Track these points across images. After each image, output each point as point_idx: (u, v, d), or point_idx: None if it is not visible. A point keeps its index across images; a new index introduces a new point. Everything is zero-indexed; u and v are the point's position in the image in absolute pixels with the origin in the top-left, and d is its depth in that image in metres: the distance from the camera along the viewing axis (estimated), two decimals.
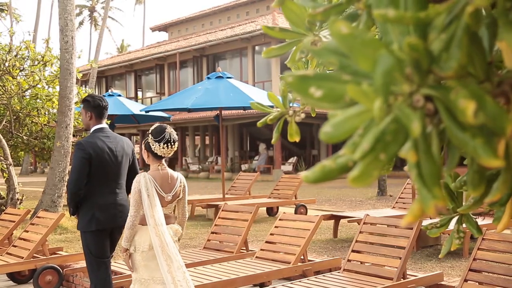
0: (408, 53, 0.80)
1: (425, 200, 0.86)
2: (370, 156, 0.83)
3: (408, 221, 0.92)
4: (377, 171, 0.85)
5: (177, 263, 3.77)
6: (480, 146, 0.82)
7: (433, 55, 0.86)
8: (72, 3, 10.10)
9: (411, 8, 0.92)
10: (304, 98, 0.97)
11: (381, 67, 0.86)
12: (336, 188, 17.78)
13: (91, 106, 4.50)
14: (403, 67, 0.87)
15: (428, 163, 0.88)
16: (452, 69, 0.87)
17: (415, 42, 0.80)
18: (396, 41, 0.97)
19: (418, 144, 0.89)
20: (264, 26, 1.50)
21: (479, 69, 1.00)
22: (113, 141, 4.48)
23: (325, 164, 0.93)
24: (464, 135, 0.85)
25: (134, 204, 3.82)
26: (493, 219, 1.67)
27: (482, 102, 0.84)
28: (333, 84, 0.93)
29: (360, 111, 0.88)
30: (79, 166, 4.28)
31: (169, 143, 3.88)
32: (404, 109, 0.85)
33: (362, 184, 0.85)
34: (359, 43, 0.87)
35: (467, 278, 4.42)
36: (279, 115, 1.94)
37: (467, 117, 0.77)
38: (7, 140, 11.27)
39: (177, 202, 4.07)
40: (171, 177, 3.99)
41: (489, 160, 0.81)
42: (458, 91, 0.82)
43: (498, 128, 0.84)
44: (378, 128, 0.84)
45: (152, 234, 3.77)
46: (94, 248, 4.37)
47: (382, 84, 0.86)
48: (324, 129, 0.88)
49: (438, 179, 0.88)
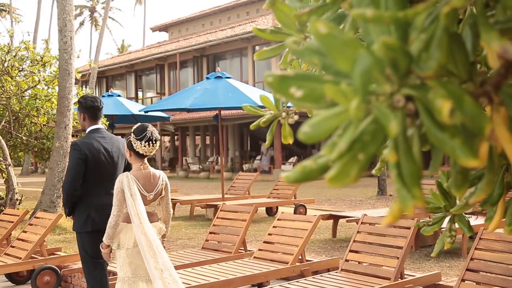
0: (385, 52, 0.80)
1: (405, 200, 0.86)
2: (347, 156, 0.83)
3: (388, 221, 0.92)
4: (356, 171, 0.84)
5: (162, 260, 3.82)
6: (458, 146, 0.82)
7: (412, 55, 0.86)
8: (71, 4, 10.10)
9: (391, 8, 0.91)
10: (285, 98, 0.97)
11: (359, 67, 0.86)
12: (336, 188, 17.75)
13: (83, 107, 4.50)
14: (383, 67, 0.87)
15: (408, 163, 0.88)
16: (431, 69, 0.87)
17: (390, 41, 0.79)
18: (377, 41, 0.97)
19: (398, 144, 0.88)
20: (255, 28, 1.50)
21: (461, 69, 0.99)
22: (109, 141, 4.47)
23: (306, 165, 0.93)
24: (443, 135, 0.84)
25: (117, 204, 3.88)
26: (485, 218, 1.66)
27: (460, 102, 0.84)
28: (314, 84, 0.92)
29: (339, 111, 0.88)
30: (75, 166, 4.27)
31: (150, 142, 3.93)
32: (382, 109, 0.85)
33: (340, 184, 0.85)
34: (338, 43, 0.87)
35: (464, 278, 4.41)
36: (272, 118, 1.94)
37: (443, 116, 0.77)
38: (6, 141, 11.27)
39: (160, 200, 4.13)
40: (153, 176, 4.05)
41: (467, 160, 0.81)
42: (436, 91, 0.82)
43: (476, 128, 0.83)
44: (355, 128, 0.83)
45: (137, 232, 3.83)
46: (90, 249, 4.36)
47: (361, 84, 0.85)
48: (303, 129, 0.87)
49: (418, 179, 0.87)
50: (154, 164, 32.22)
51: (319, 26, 0.86)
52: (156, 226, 4.05)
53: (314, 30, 0.87)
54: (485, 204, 1.56)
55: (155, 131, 4.03)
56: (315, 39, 0.88)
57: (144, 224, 3.84)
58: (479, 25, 0.84)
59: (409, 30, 0.92)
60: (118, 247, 3.95)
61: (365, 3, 0.95)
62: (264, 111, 1.90)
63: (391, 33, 0.93)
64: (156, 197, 4.07)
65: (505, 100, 0.96)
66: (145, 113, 13.43)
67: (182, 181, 23.90)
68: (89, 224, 4.33)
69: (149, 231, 3.84)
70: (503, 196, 1.51)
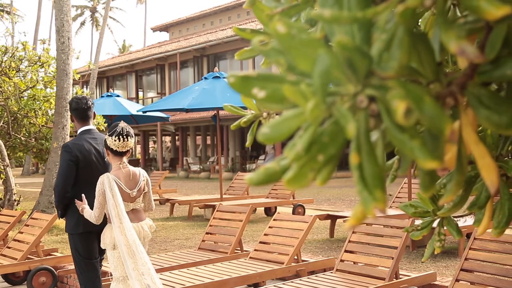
0: (339, 52, 0.79)
1: (366, 202, 0.85)
2: (305, 158, 0.82)
3: (351, 224, 0.91)
4: (314, 173, 0.83)
5: (141, 260, 3.88)
6: (417, 148, 0.81)
7: (373, 55, 0.84)
8: (68, 4, 10.10)
9: (353, 8, 0.90)
10: (249, 98, 0.96)
11: (319, 67, 0.85)
12: (336, 187, 17.76)
13: (71, 109, 4.50)
14: (343, 67, 0.86)
15: (370, 165, 0.86)
16: (392, 69, 0.86)
17: (345, 41, 0.78)
18: (333, 41, 0.96)
19: (361, 146, 0.87)
20: (235, 27, 1.49)
21: (428, 70, 0.98)
22: (100, 143, 4.46)
23: (269, 166, 0.92)
24: (403, 136, 0.83)
25: (98, 206, 3.97)
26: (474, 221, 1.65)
27: (420, 102, 0.82)
28: (277, 85, 0.91)
29: (299, 112, 0.87)
30: (65, 168, 4.27)
31: (120, 136, 4.01)
32: (341, 110, 0.84)
33: (298, 186, 0.84)
34: (297, 43, 0.86)
35: (458, 278, 4.40)
36: (253, 118, 1.92)
37: (398, 117, 0.76)
38: (5, 142, 11.28)
39: (143, 196, 4.23)
40: (133, 174, 4.14)
41: (425, 162, 0.80)
42: (394, 91, 0.81)
43: (436, 129, 0.82)
44: (313, 130, 0.82)
45: (117, 233, 3.90)
46: (82, 250, 4.36)
47: (320, 84, 0.84)
48: (262, 130, 0.87)
49: (380, 181, 0.86)
50: (155, 164, 32.25)
51: (277, 25, 0.85)
52: (147, 224, 4.17)
53: (273, 30, 0.86)
54: (473, 207, 1.55)
55: (127, 127, 4.10)
56: (275, 39, 0.87)
57: (125, 225, 3.92)
58: (439, 25, 0.83)
59: (372, 30, 0.91)
60: (114, 247, 3.98)
61: (329, 3, 0.94)
62: (245, 111, 1.89)
63: (354, 33, 0.92)
64: (139, 194, 4.16)
65: (471, 100, 0.95)
66: (143, 113, 13.43)
67: (183, 181, 23.90)
68: (80, 226, 4.33)
69: (129, 232, 3.91)
70: (491, 199, 1.49)
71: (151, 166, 31.51)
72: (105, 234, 4.02)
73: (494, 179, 0.93)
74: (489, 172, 0.95)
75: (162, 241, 8.54)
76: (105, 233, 4.03)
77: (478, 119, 0.96)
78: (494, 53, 0.92)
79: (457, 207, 1.58)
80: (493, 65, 0.94)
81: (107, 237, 4.00)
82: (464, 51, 0.78)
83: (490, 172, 0.94)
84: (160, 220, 10.96)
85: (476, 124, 0.99)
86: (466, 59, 0.82)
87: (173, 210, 11.79)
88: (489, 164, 0.95)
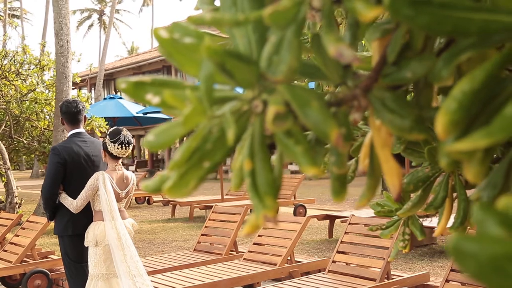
0: (210, 57, 0.77)
1: (257, 210, 0.83)
2: (185, 166, 0.80)
3: (247, 232, 0.88)
4: (197, 180, 0.81)
5: (130, 254, 4.06)
6: (299, 153, 0.79)
7: (254, 59, 0.82)
8: (66, 7, 10.12)
9: (246, 10, 0.88)
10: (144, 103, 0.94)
11: (203, 71, 0.83)
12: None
13: (62, 112, 4.50)
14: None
15: (264, 172, 0.84)
16: (282, 73, 0.84)
17: (213, 46, 0.76)
18: (241, 45, 0.94)
19: (254, 152, 0.85)
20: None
21: (333, 73, 0.96)
22: (90, 145, 4.46)
23: (164, 174, 0.90)
24: (288, 141, 0.81)
25: (84, 198, 4.15)
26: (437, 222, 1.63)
27: (305, 107, 0.80)
28: (173, 91, 0.90)
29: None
30: (53, 171, 4.26)
31: (123, 144, 4.20)
32: (226, 116, 0.82)
33: (180, 195, 0.82)
34: (181, 48, 0.84)
35: (448, 279, 4.36)
36: None
37: (267, 123, 0.74)
38: (8, 145, 11.33)
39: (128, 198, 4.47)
40: (126, 177, 4.36)
41: (306, 168, 0.78)
42: (274, 96, 0.79)
43: (321, 134, 0.80)
44: (194, 137, 0.80)
45: (108, 227, 4.07)
46: (72, 253, 4.36)
47: (205, 89, 0.82)
48: (147, 138, 0.85)
49: (272, 188, 0.84)
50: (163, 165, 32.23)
51: (159, 31, 0.83)
52: (130, 222, 4.35)
53: (157, 36, 0.84)
54: (429, 207, 1.52)
55: (129, 135, 4.30)
56: (159, 45, 0.85)
57: (116, 220, 4.11)
58: (323, 28, 0.80)
59: (267, 33, 0.89)
60: (96, 244, 4.13)
61: (227, 5, 0.92)
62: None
63: (249, 36, 0.90)
64: (126, 195, 4.38)
65: (374, 103, 0.93)
66: (144, 115, 13.45)
67: None
68: (69, 228, 4.32)
69: (120, 227, 4.10)
70: (448, 199, 1.47)
71: (158, 167, 31.53)
72: (89, 231, 4.17)
73: (396, 184, 0.91)
74: (393, 176, 0.92)
75: (160, 242, 8.53)
76: (89, 231, 4.17)
77: (382, 122, 0.93)
78: (393, 55, 0.90)
79: (416, 207, 1.55)
80: (395, 68, 0.92)
81: (90, 235, 4.14)
82: (342, 54, 0.76)
83: (393, 176, 0.92)
84: (161, 221, 10.97)
85: (384, 128, 0.97)
86: (343, 62, 0.80)
87: (174, 212, 11.80)
88: (393, 168, 0.92)
